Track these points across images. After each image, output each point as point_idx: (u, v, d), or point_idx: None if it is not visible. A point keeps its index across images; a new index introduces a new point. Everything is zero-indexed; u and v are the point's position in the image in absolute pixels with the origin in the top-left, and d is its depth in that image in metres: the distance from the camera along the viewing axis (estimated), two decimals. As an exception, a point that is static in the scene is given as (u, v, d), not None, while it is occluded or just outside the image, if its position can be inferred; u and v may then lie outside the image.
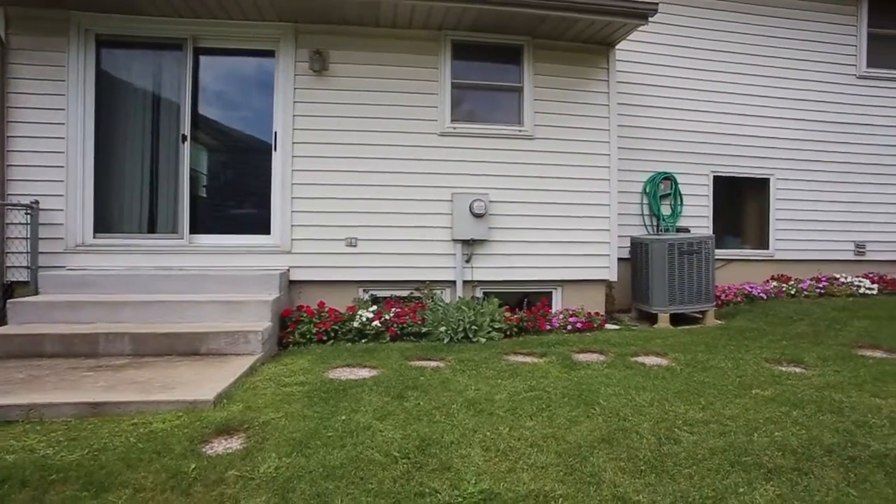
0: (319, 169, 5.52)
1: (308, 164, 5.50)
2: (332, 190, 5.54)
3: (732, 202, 7.67)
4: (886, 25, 8.20)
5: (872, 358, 4.40)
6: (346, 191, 5.57)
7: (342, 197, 5.56)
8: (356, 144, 5.59)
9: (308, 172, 5.50)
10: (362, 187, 5.60)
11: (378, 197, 5.62)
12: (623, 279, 6.33)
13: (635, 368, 4.02)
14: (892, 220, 8.16)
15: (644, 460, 2.61)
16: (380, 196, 5.63)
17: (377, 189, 5.62)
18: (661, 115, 7.22)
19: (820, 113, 7.87)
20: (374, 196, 5.62)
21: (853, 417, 3.13)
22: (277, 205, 5.50)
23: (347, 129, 5.58)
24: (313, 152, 5.51)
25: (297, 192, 5.49)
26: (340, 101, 5.58)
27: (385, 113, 5.65)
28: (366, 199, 5.60)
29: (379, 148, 5.63)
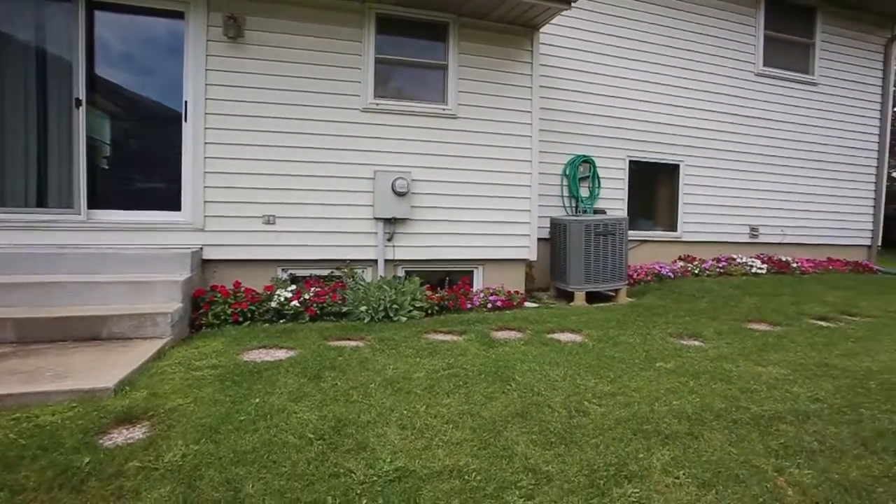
0: (235, 143, 5.23)
1: (222, 137, 5.20)
2: (248, 165, 5.28)
3: (646, 186, 8.09)
4: (780, 30, 8.90)
5: (759, 331, 4.85)
6: (263, 166, 5.33)
7: (259, 172, 5.32)
8: (275, 118, 5.34)
9: (223, 146, 5.20)
10: (281, 163, 5.37)
11: (298, 173, 5.43)
12: (542, 258, 6.54)
13: (551, 345, 4.19)
14: (781, 207, 8.95)
15: (555, 432, 2.74)
16: (299, 172, 5.43)
17: (297, 165, 5.42)
18: (582, 100, 7.44)
19: (724, 105, 8.44)
20: (293, 172, 5.41)
21: (739, 384, 3.44)
22: (189, 179, 5.17)
23: (265, 101, 5.31)
24: (228, 125, 5.22)
25: (211, 167, 5.18)
26: (258, 72, 5.29)
27: (306, 86, 5.43)
28: (285, 176, 5.39)
29: (299, 122, 5.41)
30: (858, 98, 9.69)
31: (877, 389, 3.44)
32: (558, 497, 2.22)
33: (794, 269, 8.18)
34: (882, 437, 2.82)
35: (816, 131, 9.26)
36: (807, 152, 9.18)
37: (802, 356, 4.10)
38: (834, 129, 9.43)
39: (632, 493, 2.26)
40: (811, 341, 4.53)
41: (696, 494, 2.29)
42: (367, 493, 2.18)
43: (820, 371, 3.77)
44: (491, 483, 2.29)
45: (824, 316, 5.51)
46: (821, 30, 9.26)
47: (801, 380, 3.58)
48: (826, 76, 9.33)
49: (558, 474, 2.38)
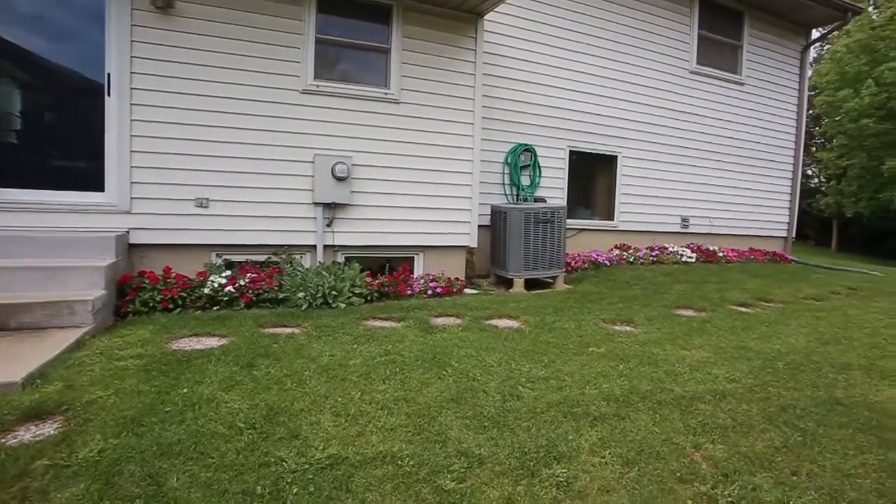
0: (165, 121, 4.95)
1: (151, 115, 4.91)
2: (180, 145, 5.02)
3: (585, 176, 8.32)
4: (712, 30, 9.33)
5: (685, 316, 5.11)
6: (196, 146, 5.08)
7: (192, 153, 5.07)
8: (209, 96, 5.10)
9: (151, 124, 4.91)
10: (215, 144, 5.15)
11: (233, 155, 5.22)
12: (483, 245, 6.62)
13: (488, 331, 4.26)
14: (709, 199, 9.45)
15: (488, 417, 2.79)
16: (235, 154, 5.22)
17: (232, 146, 5.21)
18: (526, 90, 7.53)
19: (659, 100, 8.76)
20: (228, 154, 5.20)
21: (665, 367, 3.62)
22: (113, 158, 4.86)
23: (199, 78, 5.05)
24: (157, 101, 4.93)
25: (138, 146, 4.89)
26: (190, 47, 5.02)
27: (242, 64, 5.21)
28: (219, 157, 5.17)
29: (235, 102, 5.19)
30: (779, 99, 10.32)
31: (783, 369, 3.72)
32: (489, 479, 2.27)
33: (720, 258, 8.67)
34: (784, 411, 3.06)
35: (742, 129, 9.80)
36: (734, 148, 9.70)
37: (723, 340, 4.36)
38: (758, 127, 10.01)
39: (560, 473, 2.34)
40: (731, 326, 4.82)
41: (620, 472, 2.40)
42: (297, 482, 2.15)
43: (737, 353, 4.03)
44: (424, 468, 2.31)
45: (744, 302, 5.88)
46: (748, 33, 9.76)
47: (720, 362, 3.81)
48: (752, 77, 9.87)
49: (490, 457, 2.43)
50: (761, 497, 2.29)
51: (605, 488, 2.28)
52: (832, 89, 25.89)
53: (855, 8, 10.66)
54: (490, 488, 2.22)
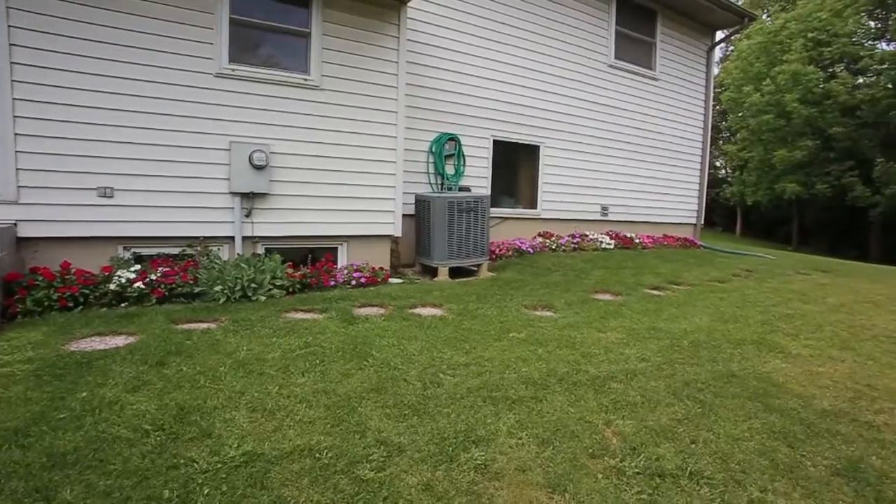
0: (58, 102, 4.53)
1: (41, 94, 4.47)
2: (79, 129, 4.62)
3: (509, 165, 8.48)
4: (629, 27, 9.76)
5: (603, 300, 5.35)
6: (97, 131, 4.70)
7: (92, 138, 4.68)
8: (113, 77, 4.71)
9: (41, 104, 4.48)
10: (121, 128, 4.78)
11: (142, 141, 4.88)
12: (408, 235, 6.61)
13: (411, 320, 4.26)
14: (627, 188, 9.93)
15: (409, 405, 2.80)
16: (144, 140, 4.88)
17: (141, 132, 4.86)
18: (450, 79, 7.54)
19: (580, 92, 9.06)
20: (136, 140, 4.85)
21: (582, 350, 3.77)
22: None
23: (100, 56, 4.65)
24: (49, 79, 4.49)
25: (24, 128, 4.44)
26: (89, 21, 4.58)
27: (150, 43, 4.85)
28: (126, 143, 4.81)
29: (142, 84, 4.84)
30: (689, 95, 10.97)
31: (688, 347, 3.99)
32: (408, 466, 2.29)
33: (637, 244, 9.14)
34: (687, 386, 3.28)
35: (656, 121, 10.34)
36: (649, 140, 10.22)
37: (636, 322, 4.60)
38: (670, 120, 10.60)
39: (478, 457, 2.39)
40: (644, 308, 5.10)
41: (535, 452, 2.48)
42: (209, 482, 2.07)
43: (648, 334, 4.27)
44: (342, 459, 2.29)
45: (657, 286, 6.23)
46: (661, 31, 10.28)
47: (632, 343, 4.03)
48: (664, 73, 10.42)
49: (410, 445, 2.44)
50: (664, 466, 2.45)
51: (522, 468, 2.35)
52: (736, 86, 27.89)
53: (751, 14, 11.54)
54: (409, 475, 2.23)
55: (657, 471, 2.41)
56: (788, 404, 3.19)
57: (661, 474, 2.39)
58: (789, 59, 23.48)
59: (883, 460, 2.70)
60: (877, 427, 3.03)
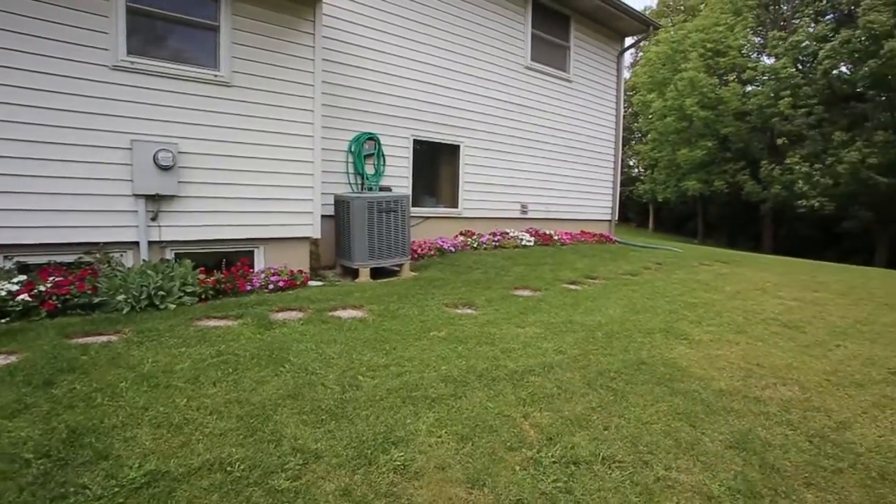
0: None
1: None
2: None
3: (430, 165, 8.51)
4: (544, 31, 10.08)
5: (523, 296, 5.49)
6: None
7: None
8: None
9: None
10: (3, 124, 4.33)
11: (26, 138, 4.42)
12: (328, 236, 6.47)
13: (331, 323, 4.16)
14: (545, 187, 10.25)
15: (326, 410, 2.73)
16: (29, 137, 4.43)
17: (25, 128, 4.40)
18: (369, 78, 7.45)
19: (498, 93, 9.25)
20: (19, 136, 4.39)
21: (501, 346, 3.84)
22: None
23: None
24: None
25: None
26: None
27: (37, 30, 4.40)
28: (9, 140, 4.36)
29: (24, 74, 4.39)
30: (601, 97, 11.51)
31: (602, 338, 4.17)
32: (325, 473, 2.23)
33: (555, 241, 9.46)
34: (601, 375, 3.43)
35: (572, 122, 10.76)
36: (565, 140, 10.62)
37: (554, 316, 4.75)
38: (584, 121, 11.07)
39: (397, 458, 2.37)
40: (562, 303, 5.28)
41: (455, 449, 2.50)
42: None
43: (565, 327, 4.42)
44: (256, 470, 2.20)
45: (574, 280, 6.47)
46: (574, 36, 10.70)
47: (550, 336, 4.15)
48: (578, 76, 10.85)
49: (327, 451, 2.38)
50: (579, 453, 2.54)
51: (441, 466, 2.36)
52: (645, 91, 29.67)
53: (655, 23, 12.28)
54: (326, 482, 2.18)
55: (572, 458, 2.50)
56: (691, 387, 3.41)
57: (576, 461, 2.48)
58: (688, 67, 25.24)
59: (767, 430, 2.95)
60: (763, 401, 3.31)
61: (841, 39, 21.25)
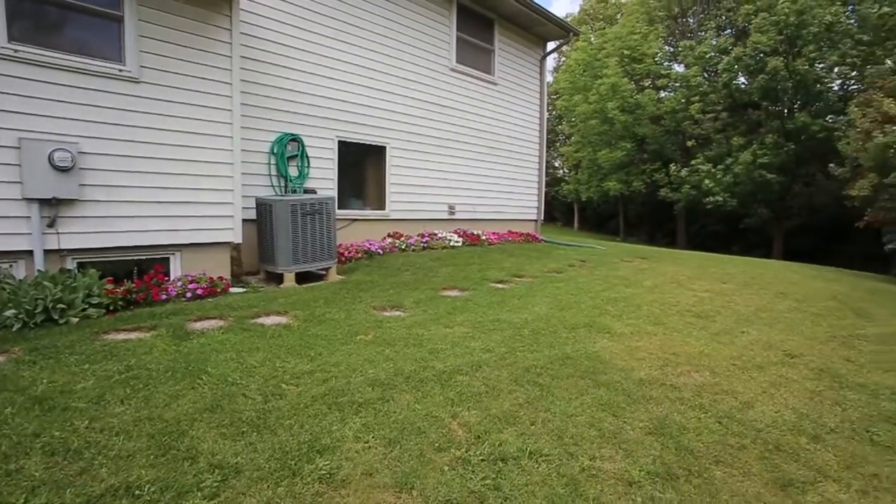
0: None
1: None
2: None
3: (356, 166, 8.38)
4: (469, 34, 10.18)
5: (451, 297, 5.51)
6: None
7: None
8: None
9: None
10: None
11: None
12: (251, 240, 6.21)
13: (253, 330, 3.99)
14: (472, 188, 10.37)
15: (247, 421, 2.61)
16: None
17: None
18: (292, 77, 7.22)
19: (424, 94, 9.25)
20: None
21: (429, 346, 3.83)
22: None
23: None
24: None
25: None
26: None
27: None
28: None
29: None
30: (526, 100, 11.80)
31: (529, 335, 4.26)
32: (246, 488, 2.12)
33: (483, 241, 9.58)
34: (528, 372, 3.49)
35: (498, 124, 10.95)
36: (491, 141, 10.79)
37: (481, 315, 4.80)
38: (510, 123, 11.30)
39: (323, 466, 2.30)
40: (489, 302, 5.34)
41: (383, 453, 2.45)
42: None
43: (493, 326, 4.47)
44: (169, 491, 2.06)
45: (501, 280, 6.58)
46: (498, 39, 10.90)
47: (478, 335, 4.18)
48: (503, 78, 11.07)
49: (248, 464, 2.27)
50: (506, 450, 2.56)
51: (369, 472, 2.31)
52: (568, 95, 30.80)
53: (575, 30, 12.74)
54: (247, 497, 2.07)
55: (500, 455, 2.52)
56: (613, 378, 3.54)
57: (504, 458, 2.50)
58: (608, 73, 26.49)
59: (681, 414, 3.12)
60: (679, 388, 3.50)
61: (735, 55, 23.08)
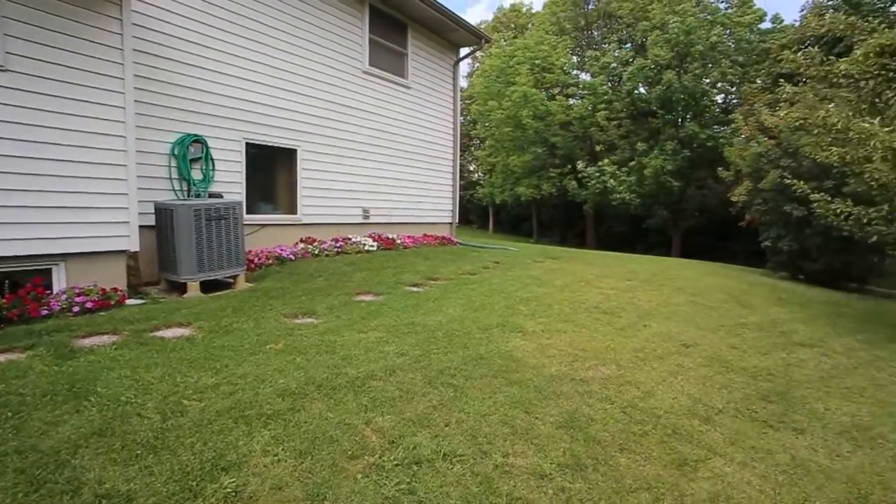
0: None
1: None
2: None
3: (266, 170, 8.06)
4: (382, 36, 10.12)
5: (365, 301, 5.44)
6: None
7: None
8: None
9: None
10: None
11: None
12: (150, 248, 5.77)
13: (151, 345, 3.71)
14: (386, 191, 10.32)
15: (143, 443, 2.42)
16: None
17: None
18: (196, 75, 6.79)
19: (336, 96, 9.07)
20: None
21: (342, 353, 3.75)
22: None
23: None
24: None
25: None
26: None
27: None
28: None
29: None
30: (440, 104, 11.91)
31: (443, 337, 4.29)
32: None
33: (398, 245, 9.55)
34: (442, 374, 3.51)
35: (412, 128, 10.97)
36: (405, 145, 10.78)
37: (396, 319, 4.77)
38: (424, 127, 11.36)
39: (228, 484, 2.18)
40: (404, 305, 5.32)
41: (293, 465, 2.36)
42: None
43: (407, 329, 4.46)
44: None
45: (416, 283, 6.58)
46: (412, 43, 10.93)
47: (392, 340, 4.15)
48: (417, 82, 11.11)
49: (143, 490, 2.10)
50: (421, 453, 2.56)
51: (278, 486, 2.22)
52: (482, 100, 31.51)
53: (487, 37, 13.04)
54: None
55: (415, 459, 2.51)
56: (525, 376, 3.64)
57: (419, 461, 2.50)
58: (519, 81, 27.40)
59: (590, 407, 3.27)
60: (587, 382, 3.66)
61: (636, 66, 24.78)
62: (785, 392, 4.03)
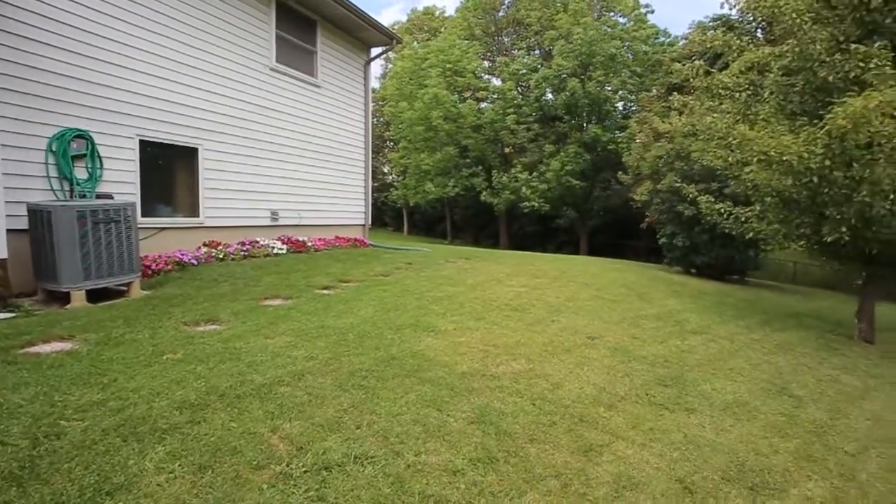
0: None
1: None
2: None
3: (164, 170, 7.53)
4: (290, 33, 9.79)
5: (273, 306, 5.23)
6: None
7: None
8: None
9: None
10: None
11: None
12: (23, 255, 5.17)
13: (21, 362, 3.32)
14: (296, 193, 9.99)
15: (6, 475, 2.16)
16: None
17: None
18: (80, 64, 6.14)
19: (241, 94, 8.65)
20: None
21: (247, 360, 3.58)
22: None
23: None
24: None
25: None
26: None
27: None
28: None
29: None
30: (350, 104, 11.72)
31: (354, 340, 4.22)
32: (3, 553, 1.75)
33: (309, 247, 9.29)
34: (353, 376, 3.45)
35: (321, 128, 10.70)
36: (315, 145, 10.50)
37: (305, 323, 4.63)
38: (335, 127, 11.13)
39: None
40: (314, 308, 5.18)
41: (191, 482, 2.22)
42: None
43: (317, 333, 4.34)
44: None
45: (327, 285, 6.43)
46: (321, 41, 10.66)
47: (301, 344, 4.02)
48: (327, 81, 10.85)
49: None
50: (331, 457, 2.50)
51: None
52: (395, 101, 31.45)
53: (398, 37, 13.01)
54: (5, 565, 1.71)
55: (324, 464, 2.45)
56: (437, 374, 3.67)
57: (328, 466, 2.44)
58: (430, 83, 27.65)
59: (501, 401, 3.36)
60: (498, 377, 3.75)
61: (543, 74, 25.90)
62: (679, 376, 4.35)
